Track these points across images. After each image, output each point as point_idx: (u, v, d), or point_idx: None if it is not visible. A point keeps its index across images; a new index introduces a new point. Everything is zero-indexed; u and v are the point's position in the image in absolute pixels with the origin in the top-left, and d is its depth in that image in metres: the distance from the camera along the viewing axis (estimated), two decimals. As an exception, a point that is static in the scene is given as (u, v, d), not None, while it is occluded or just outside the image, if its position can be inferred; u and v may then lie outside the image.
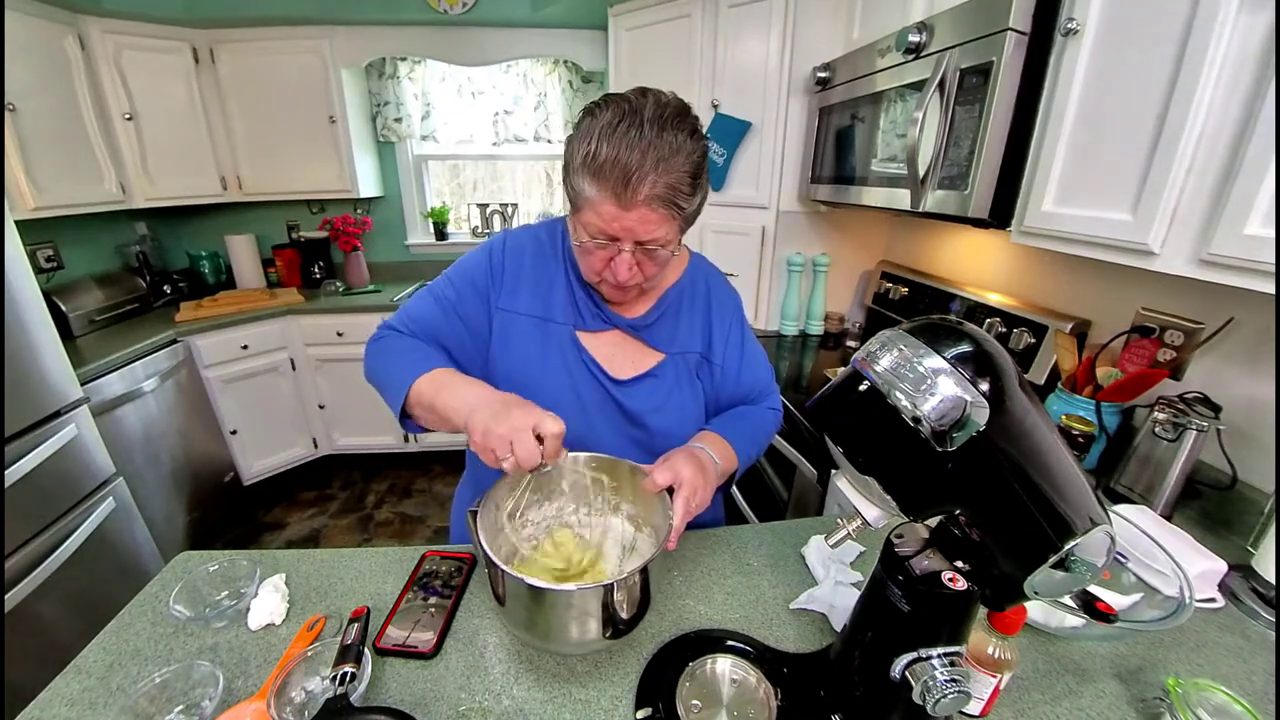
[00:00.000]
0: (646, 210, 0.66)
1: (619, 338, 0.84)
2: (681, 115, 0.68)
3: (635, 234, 0.68)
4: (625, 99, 0.67)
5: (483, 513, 0.66)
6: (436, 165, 3.16)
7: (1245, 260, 0.74)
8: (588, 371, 0.81)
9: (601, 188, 0.65)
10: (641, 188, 0.64)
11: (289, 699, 0.59)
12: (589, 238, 0.70)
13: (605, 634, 0.61)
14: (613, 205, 0.66)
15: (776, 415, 0.93)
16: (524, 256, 0.83)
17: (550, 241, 0.85)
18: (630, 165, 0.63)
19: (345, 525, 2.56)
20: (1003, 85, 1.04)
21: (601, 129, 0.64)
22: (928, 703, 0.50)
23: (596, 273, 0.75)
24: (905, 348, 0.46)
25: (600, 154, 0.64)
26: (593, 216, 0.68)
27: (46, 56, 1.99)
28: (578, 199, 0.69)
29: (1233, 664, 0.69)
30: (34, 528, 1.46)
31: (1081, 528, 0.45)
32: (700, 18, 1.94)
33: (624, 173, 0.63)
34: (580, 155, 0.66)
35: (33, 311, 1.48)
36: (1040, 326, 1.34)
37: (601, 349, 0.82)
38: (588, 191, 0.67)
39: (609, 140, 0.64)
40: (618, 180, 0.64)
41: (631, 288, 0.76)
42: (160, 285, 2.62)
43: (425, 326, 0.80)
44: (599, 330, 0.83)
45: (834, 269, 2.10)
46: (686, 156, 0.66)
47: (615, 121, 0.64)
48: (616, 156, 0.63)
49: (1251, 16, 0.73)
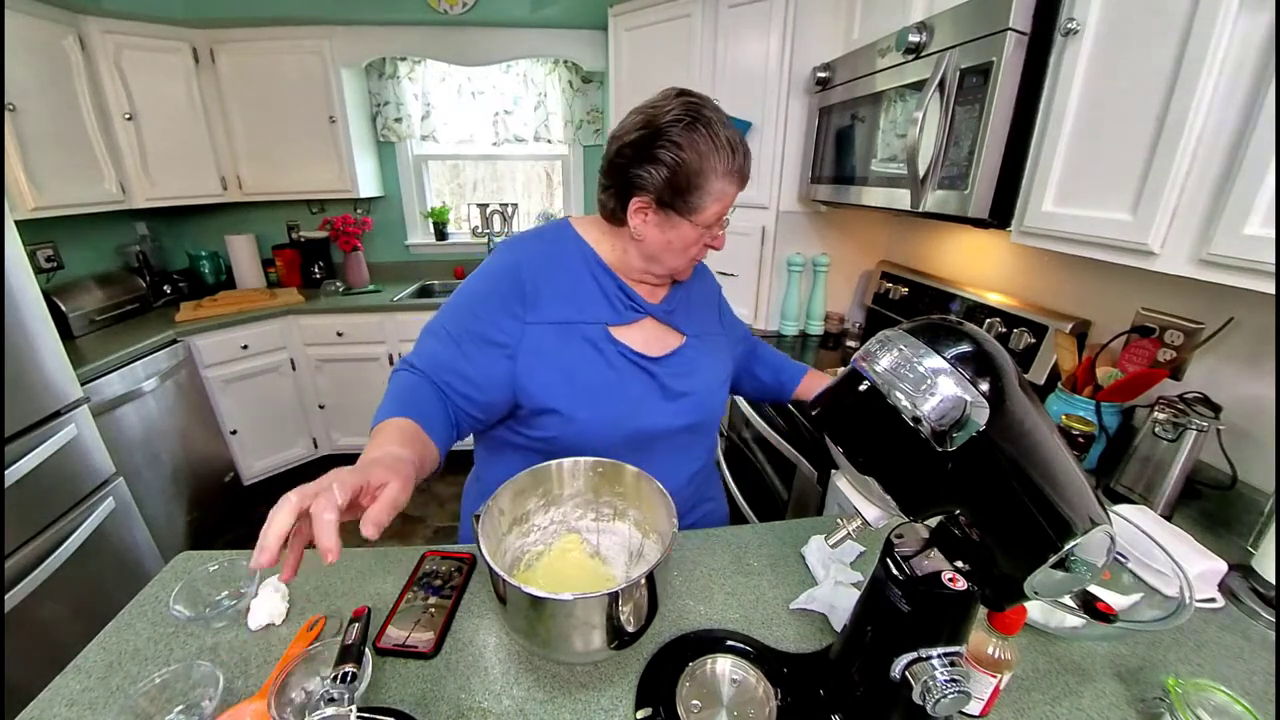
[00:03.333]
0: (743, 182, 0.78)
1: (648, 324, 0.87)
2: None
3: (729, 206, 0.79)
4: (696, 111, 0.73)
5: (486, 517, 0.65)
6: (436, 165, 3.17)
7: (1245, 260, 0.74)
8: (626, 360, 0.83)
9: (734, 182, 0.76)
10: (748, 166, 0.77)
11: (289, 699, 0.58)
12: (707, 227, 0.78)
13: (611, 644, 0.60)
14: (735, 189, 0.77)
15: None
16: (540, 269, 0.82)
17: (560, 251, 0.84)
18: (745, 156, 0.76)
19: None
20: (1003, 85, 1.04)
21: (725, 135, 0.74)
22: (928, 703, 0.50)
23: (691, 259, 0.84)
24: (905, 348, 0.46)
25: (726, 160, 0.74)
26: (718, 209, 0.77)
27: (46, 56, 1.99)
28: (701, 203, 0.76)
29: (1233, 664, 0.69)
30: (34, 528, 1.46)
31: (1081, 528, 0.45)
32: (700, 18, 1.94)
33: (744, 163, 0.77)
34: (720, 164, 0.74)
35: (33, 311, 1.48)
36: (1040, 326, 1.34)
37: (634, 337, 0.85)
38: (723, 189, 0.76)
39: (731, 142, 0.74)
40: (745, 171, 0.77)
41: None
42: (160, 285, 2.62)
43: (439, 365, 0.77)
44: (632, 321, 0.85)
45: (834, 269, 2.10)
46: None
47: (723, 124, 0.74)
48: (743, 152, 0.76)
49: (1251, 16, 0.73)
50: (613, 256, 0.84)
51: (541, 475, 0.76)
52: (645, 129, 0.73)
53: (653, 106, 0.75)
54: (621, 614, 0.58)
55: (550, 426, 0.80)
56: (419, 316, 2.63)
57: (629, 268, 0.84)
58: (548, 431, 0.81)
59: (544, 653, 0.65)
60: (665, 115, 0.72)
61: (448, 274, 3.17)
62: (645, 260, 0.83)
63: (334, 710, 0.53)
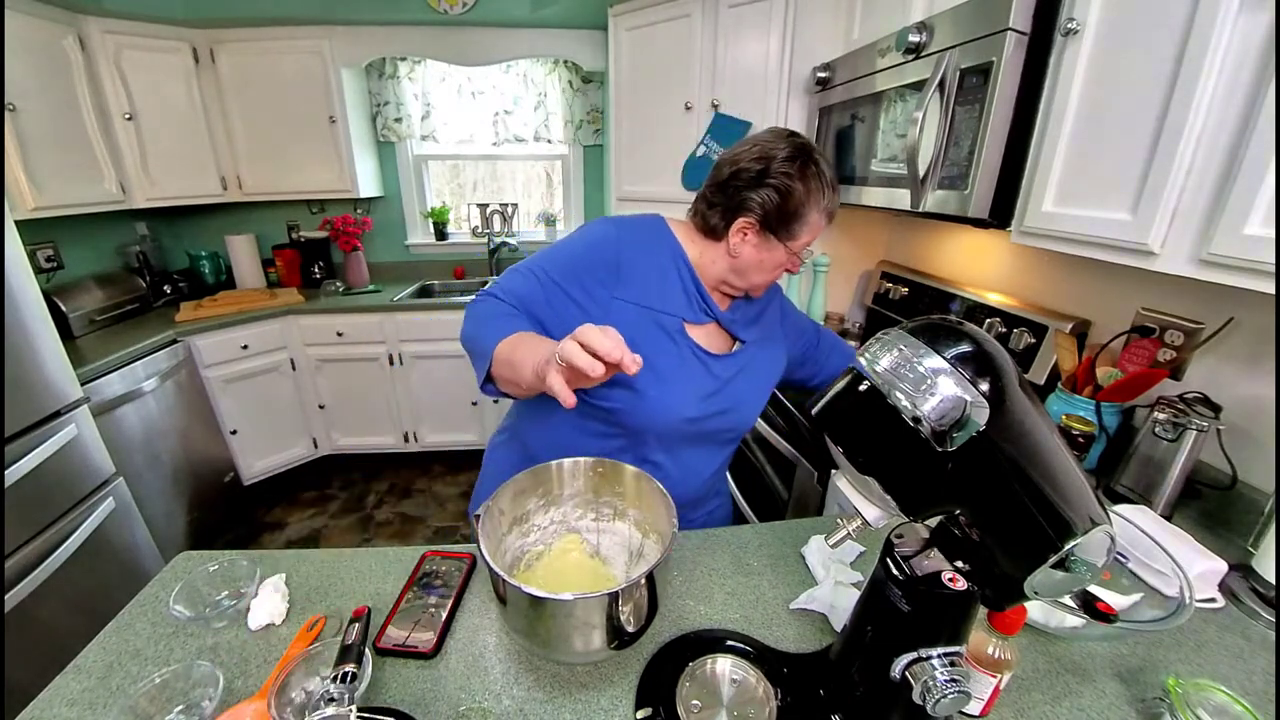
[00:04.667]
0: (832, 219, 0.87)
1: (714, 328, 0.93)
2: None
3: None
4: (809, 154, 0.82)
5: (487, 517, 0.65)
6: (436, 165, 3.17)
7: (1245, 260, 0.74)
8: (694, 355, 0.88)
9: (825, 217, 0.84)
10: (837, 202, 0.85)
11: (289, 699, 0.58)
12: (796, 254, 0.86)
13: (611, 644, 0.60)
14: (827, 223, 0.86)
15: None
16: (639, 254, 0.88)
17: (658, 243, 0.90)
18: (835, 193, 0.84)
19: (345, 525, 2.56)
20: (1003, 85, 1.04)
21: (829, 177, 0.83)
22: (928, 703, 0.50)
23: (773, 278, 0.90)
24: (905, 348, 0.46)
25: (824, 197, 0.83)
26: (809, 239, 0.85)
27: (46, 56, 1.99)
28: (800, 231, 0.84)
29: (1233, 664, 0.69)
30: (34, 528, 1.46)
31: (1081, 528, 0.45)
32: (700, 17, 1.94)
33: (836, 201, 0.85)
34: (822, 202, 0.83)
35: (33, 311, 1.48)
36: (1040, 326, 1.34)
37: (702, 336, 0.91)
38: (819, 223, 0.84)
39: (832, 185, 0.83)
40: (835, 207, 0.85)
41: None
42: (160, 285, 2.62)
43: (523, 301, 0.84)
44: (702, 323, 0.91)
45: (834, 269, 2.10)
46: None
47: (815, 171, 0.81)
48: (834, 190, 0.84)
49: (1251, 16, 0.73)
50: (699, 262, 0.90)
51: (542, 475, 0.76)
52: (762, 160, 0.81)
53: (768, 142, 0.83)
54: (621, 614, 0.58)
55: (619, 399, 0.84)
56: (419, 316, 2.63)
57: (710, 276, 0.90)
58: (615, 403, 0.84)
59: (544, 653, 0.65)
60: (781, 151, 0.81)
61: (448, 274, 3.17)
62: (733, 274, 0.88)
63: (334, 710, 0.53)
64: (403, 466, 2.96)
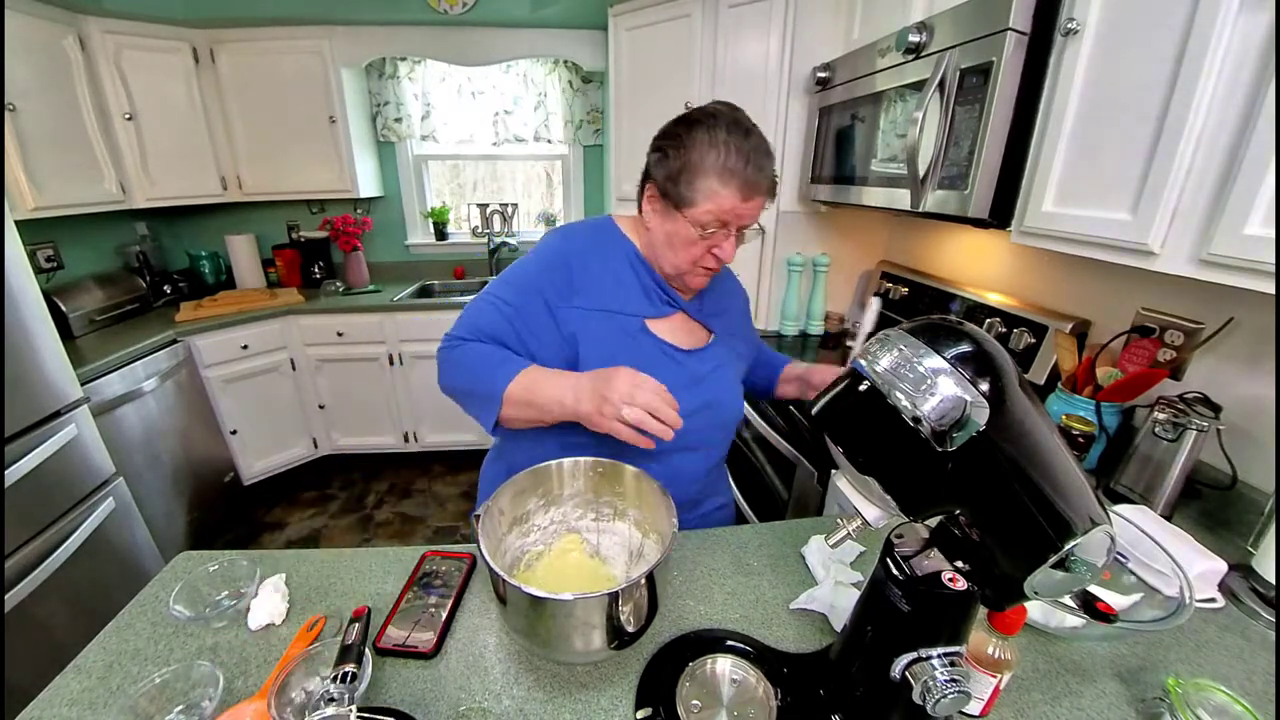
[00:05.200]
0: (759, 199, 0.79)
1: (680, 320, 0.92)
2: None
3: (746, 219, 0.80)
4: (712, 113, 0.79)
5: (486, 517, 0.65)
6: (436, 165, 3.17)
7: (1245, 260, 0.74)
8: (660, 351, 0.87)
9: (730, 185, 0.76)
10: (762, 181, 0.77)
11: (289, 699, 0.58)
12: (700, 229, 0.79)
13: (611, 644, 0.60)
14: (737, 198, 0.77)
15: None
16: (590, 259, 0.88)
17: (609, 242, 0.90)
18: (756, 164, 0.77)
19: (345, 525, 2.56)
20: (1003, 85, 1.04)
21: (727, 137, 0.76)
22: (928, 703, 0.50)
23: (693, 262, 0.83)
24: (905, 348, 0.46)
25: (732, 157, 0.76)
26: (711, 209, 0.78)
27: (46, 56, 1.99)
28: (693, 197, 0.78)
29: (1233, 664, 0.69)
30: (34, 528, 1.46)
31: (1081, 528, 0.45)
32: (700, 18, 1.94)
33: (754, 173, 0.77)
34: (709, 160, 0.76)
35: (33, 311, 1.48)
36: (1040, 326, 1.34)
37: (668, 330, 0.90)
38: (714, 188, 0.77)
39: (730, 149, 0.76)
40: (746, 180, 0.76)
41: (714, 269, 0.87)
42: (160, 285, 2.62)
43: (491, 334, 0.84)
44: (666, 315, 0.90)
45: (834, 269, 2.10)
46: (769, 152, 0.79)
47: (731, 128, 0.77)
48: (747, 159, 0.76)
49: (1251, 16, 0.73)
50: (646, 252, 0.89)
51: (542, 475, 0.76)
52: (670, 123, 0.81)
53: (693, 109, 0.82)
54: (621, 614, 0.58)
55: None
56: (419, 316, 2.63)
57: (654, 264, 0.89)
58: None
59: (544, 653, 0.65)
60: (690, 113, 0.80)
61: (448, 274, 3.17)
62: (650, 254, 0.87)
63: (334, 710, 0.53)
64: (403, 466, 2.96)
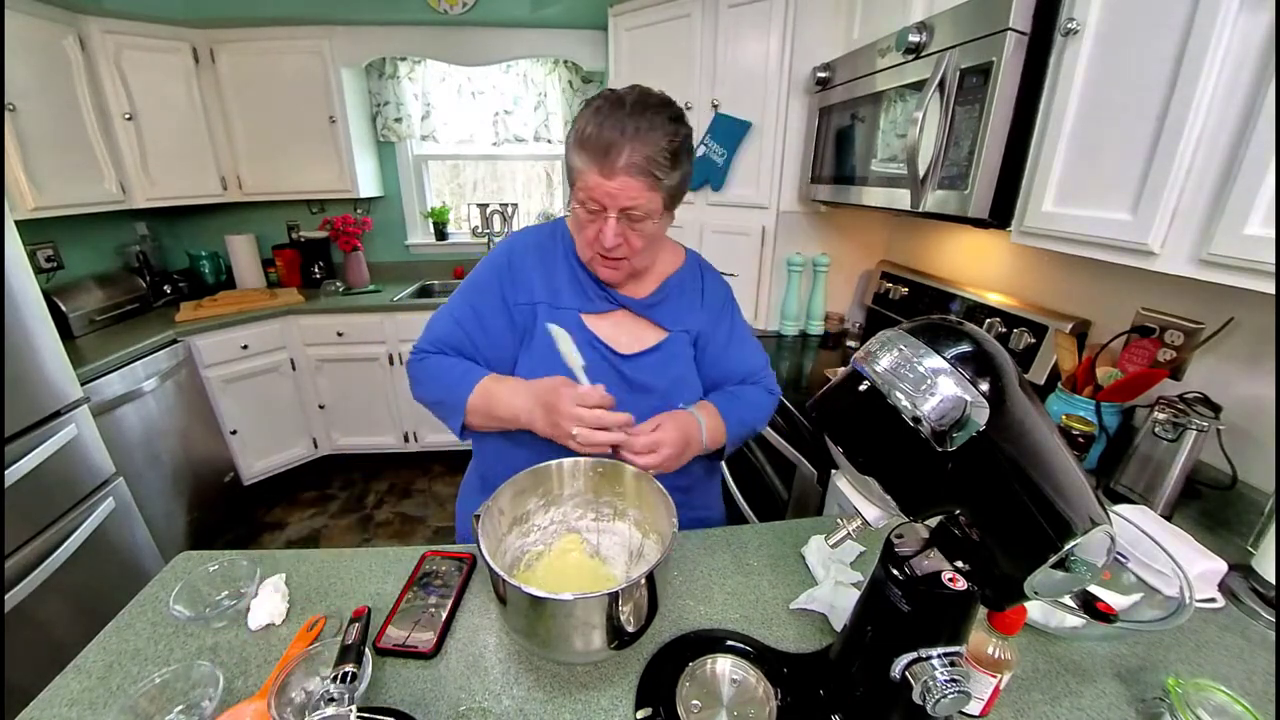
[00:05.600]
0: (626, 178, 0.74)
1: (624, 317, 0.90)
2: (663, 103, 0.78)
3: (618, 201, 0.76)
4: (615, 91, 0.78)
5: (487, 517, 0.65)
6: (436, 165, 3.16)
7: (1245, 260, 0.74)
8: (592, 349, 0.86)
9: (588, 159, 0.75)
10: (620, 157, 0.73)
11: (289, 699, 0.58)
12: (580, 207, 0.79)
13: (611, 644, 0.60)
14: (597, 174, 0.75)
15: (773, 397, 1.00)
16: (529, 254, 0.90)
17: (552, 238, 0.92)
18: (611, 138, 0.73)
19: (345, 525, 2.56)
20: (1003, 85, 1.04)
21: (591, 112, 0.76)
22: (928, 703, 0.50)
23: (590, 245, 0.82)
24: (905, 348, 0.46)
25: (587, 130, 0.74)
26: (582, 186, 0.77)
27: (46, 56, 1.99)
28: (572, 174, 0.79)
29: (1233, 664, 0.69)
30: (34, 528, 1.46)
31: (1081, 528, 0.45)
32: (700, 18, 1.94)
33: (606, 145, 0.73)
34: (574, 134, 0.77)
35: (33, 311, 1.48)
36: (1040, 326, 1.34)
37: (606, 328, 0.89)
38: (578, 164, 0.76)
39: (594, 120, 0.74)
40: (600, 151, 0.74)
41: (621, 262, 0.83)
42: (160, 285, 2.62)
43: (451, 344, 0.89)
44: (605, 311, 0.89)
45: (834, 269, 2.10)
46: (663, 134, 0.75)
47: (602, 104, 0.76)
48: (600, 132, 0.73)
49: (1251, 16, 0.73)
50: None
51: (542, 475, 0.76)
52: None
53: None
54: (621, 614, 0.58)
55: None
56: (419, 316, 2.63)
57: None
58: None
59: (544, 653, 0.65)
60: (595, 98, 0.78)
61: (448, 274, 3.17)
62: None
63: (334, 710, 0.53)
64: (403, 466, 2.96)
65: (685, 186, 0.82)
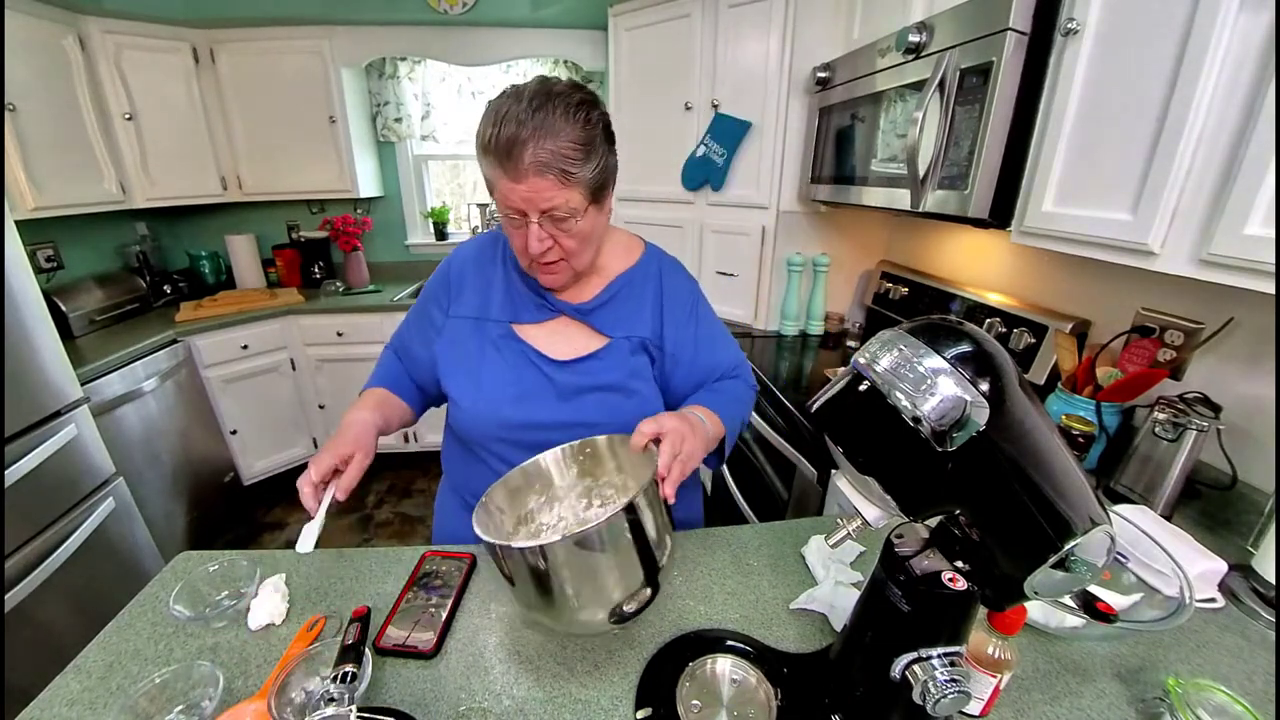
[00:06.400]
0: (536, 178, 0.69)
1: (563, 324, 0.88)
2: (568, 91, 0.72)
3: (535, 203, 0.71)
4: (515, 86, 0.72)
5: (485, 513, 0.65)
6: (436, 165, 3.16)
7: (1245, 260, 0.74)
8: (525, 358, 0.85)
9: (493, 164, 0.71)
10: (524, 156, 0.68)
11: (289, 699, 0.59)
12: (502, 214, 0.75)
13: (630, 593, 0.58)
14: (506, 179, 0.70)
15: (750, 389, 0.96)
16: (467, 265, 0.91)
17: (492, 246, 0.91)
18: (510, 139, 0.68)
19: (345, 525, 2.56)
20: (1003, 85, 1.04)
21: (488, 113, 0.70)
22: (928, 703, 0.50)
23: (522, 253, 0.79)
24: (905, 348, 0.46)
25: (486, 134, 0.70)
26: (498, 193, 0.73)
27: (46, 56, 1.99)
28: (487, 182, 0.75)
29: (1233, 664, 0.69)
30: (34, 528, 1.46)
31: (1081, 528, 0.45)
32: (700, 18, 1.94)
33: (507, 146, 0.68)
34: (478, 138, 0.72)
35: (33, 311, 1.48)
36: (1040, 326, 1.34)
37: (541, 337, 0.86)
38: (487, 171, 0.73)
39: (492, 122, 0.69)
40: (502, 154, 0.69)
41: (558, 265, 0.80)
42: (160, 285, 2.62)
43: (403, 345, 0.95)
44: (542, 320, 0.87)
45: (834, 269, 2.10)
46: (569, 123, 0.70)
47: (501, 102, 0.70)
48: (498, 133, 0.68)
49: (1251, 16, 0.73)
50: None
51: (533, 472, 0.76)
52: None
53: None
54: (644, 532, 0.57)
55: (451, 412, 0.89)
56: (419, 316, 2.63)
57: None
58: (451, 416, 0.89)
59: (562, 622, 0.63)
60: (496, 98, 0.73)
61: (448, 274, 3.17)
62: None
63: (334, 710, 0.53)
64: (403, 466, 2.96)
65: (608, 176, 0.77)
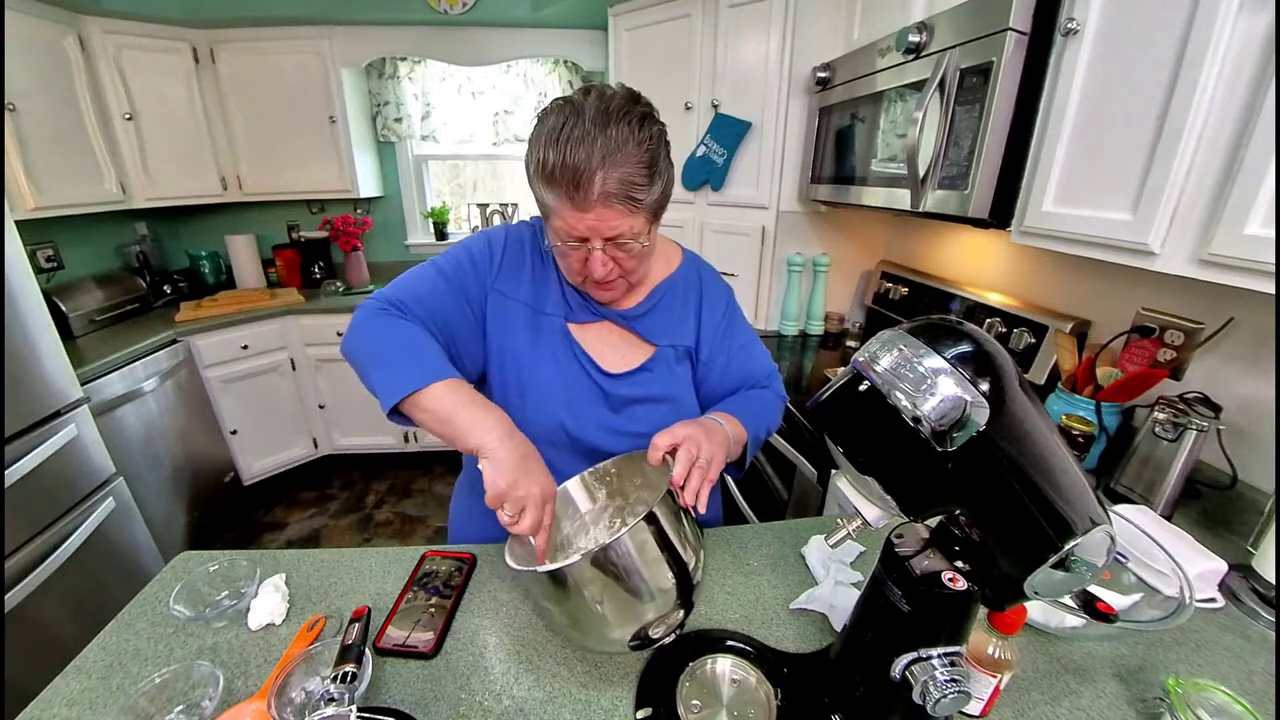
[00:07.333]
0: (603, 209, 0.66)
1: (609, 329, 0.85)
2: (628, 106, 0.67)
3: (600, 232, 0.69)
4: (570, 100, 0.67)
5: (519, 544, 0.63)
6: (436, 165, 3.16)
7: (1245, 260, 0.74)
8: (577, 364, 0.82)
9: (557, 194, 0.66)
10: (593, 187, 0.64)
11: (289, 699, 0.58)
12: (560, 242, 0.72)
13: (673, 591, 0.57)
14: (570, 209, 0.67)
15: (780, 399, 0.94)
16: (524, 248, 0.84)
17: (535, 237, 0.86)
18: (578, 167, 0.63)
19: (345, 525, 2.56)
20: (1003, 85, 1.04)
21: (547, 135, 0.65)
22: (928, 703, 0.50)
23: (577, 273, 0.76)
24: (905, 348, 0.46)
25: (549, 161, 0.65)
26: (558, 222, 0.69)
27: (46, 56, 1.99)
28: (542, 207, 0.71)
29: (1233, 664, 0.69)
30: (34, 528, 1.46)
31: (1081, 528, 0.45)
32: (700, 18, 1.94)
33: (573, 176, 0.64)
34: (533, 165, 0.67)
35: (33, 311, 1.48)
36: (1040, 326, 1.34)
37: (592, 342, 0.83)
38: (547, 199, 0.68)
39: (554, 146, 0.64)
40: (569, 184, 0.65)
41: (615, 283, 0.77)
42: (160, 285, 2.62)
43: (427, 305, 0.76)
44: (589, 322, 0.83)
45: (834, 269, 2.10)
46: (636, 146, 0.66)
47: (559, 125, 0.65)
48: (563, 161, 0.64)
49: (1251, 17, 0.73)
50: None
51: (564, 500, 0.75)
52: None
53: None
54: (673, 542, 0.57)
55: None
56: (419, 316, 2.63)
57: None
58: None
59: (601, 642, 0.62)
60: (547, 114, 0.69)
61: (448, 274, 3.17)
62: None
63: (334, 710, 0.53)
64: (402, 466, 2.96)
65: (669, 191, 0.74)
